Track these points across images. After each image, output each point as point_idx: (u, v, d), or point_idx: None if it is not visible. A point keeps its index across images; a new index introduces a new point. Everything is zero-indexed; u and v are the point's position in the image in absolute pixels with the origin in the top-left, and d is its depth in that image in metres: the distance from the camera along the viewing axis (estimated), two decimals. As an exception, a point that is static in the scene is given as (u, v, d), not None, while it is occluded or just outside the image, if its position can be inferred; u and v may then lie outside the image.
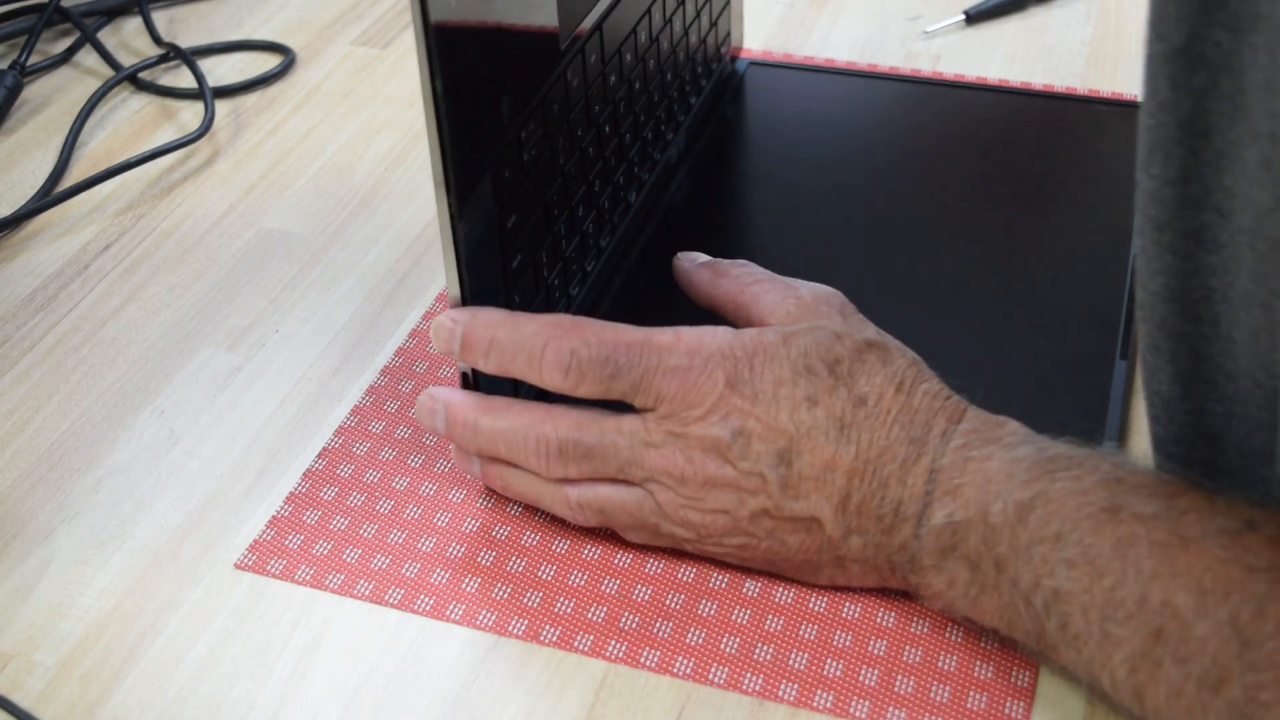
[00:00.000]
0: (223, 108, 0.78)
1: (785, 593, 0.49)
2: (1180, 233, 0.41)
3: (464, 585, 0.50)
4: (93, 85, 0.80)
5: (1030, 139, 0.72)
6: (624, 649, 0.47)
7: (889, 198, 0.68)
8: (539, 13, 0.50)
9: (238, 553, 0.51)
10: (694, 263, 0.55)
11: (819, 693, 0.46)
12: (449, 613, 0.49)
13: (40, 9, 0.83)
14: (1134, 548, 0.40)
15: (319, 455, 0.55)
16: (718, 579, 0.49)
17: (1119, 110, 0.73)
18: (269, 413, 0.58)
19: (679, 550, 0.50)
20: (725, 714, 0.45)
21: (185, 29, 0.85)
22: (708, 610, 0.48)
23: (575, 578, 0.50)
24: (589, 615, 0.48)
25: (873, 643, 0.47)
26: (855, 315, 0.51)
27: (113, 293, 0.64)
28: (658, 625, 0.48)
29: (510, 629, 0.48)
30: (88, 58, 0.83)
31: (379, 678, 0.47)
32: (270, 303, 0.64)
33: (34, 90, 0.80)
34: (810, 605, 0.48)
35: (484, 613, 0.49)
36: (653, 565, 0.50)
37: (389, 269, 0.65)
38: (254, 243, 0.67)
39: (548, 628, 0.48)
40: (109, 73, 0.81)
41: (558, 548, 0.51)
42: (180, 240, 0.68)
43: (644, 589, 0.49)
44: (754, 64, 0.78)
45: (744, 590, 0.49)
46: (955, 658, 0.47)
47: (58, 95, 0.80)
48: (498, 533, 0.52)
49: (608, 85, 0.58)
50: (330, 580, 0.50)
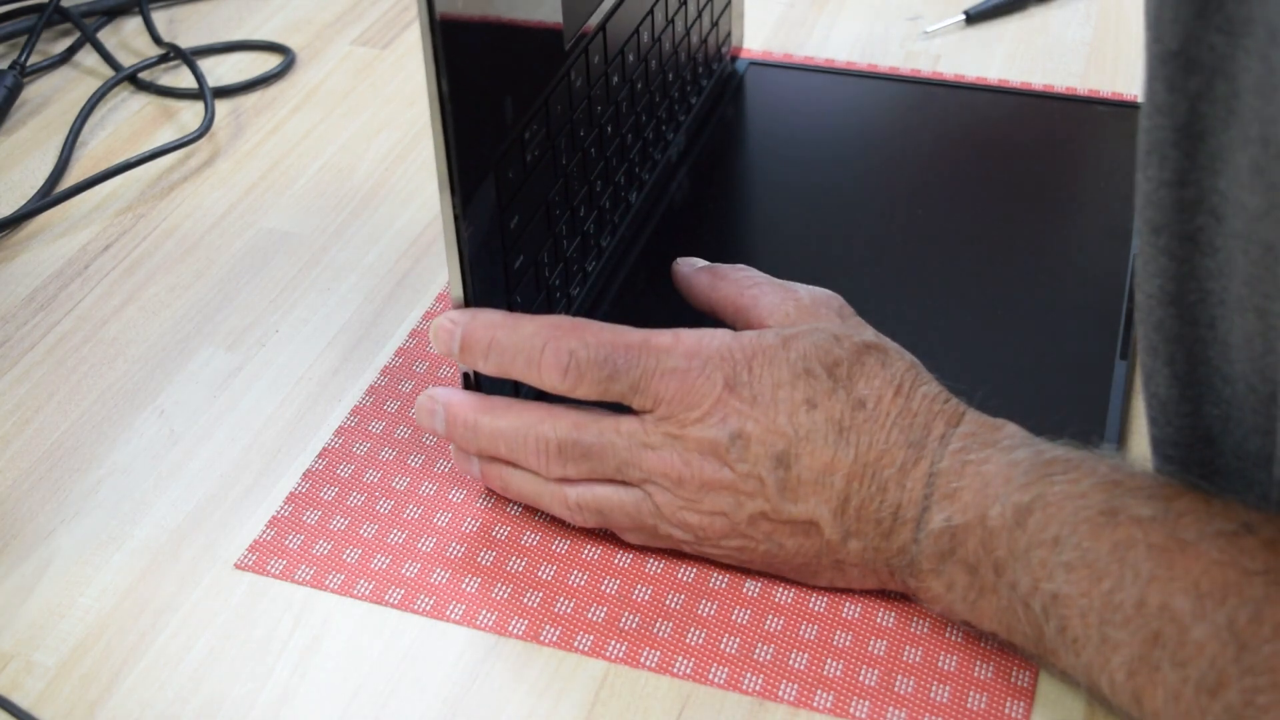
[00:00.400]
0: (223, 108, 0.78)
1: (785, 593, 0.49)
2: (1176, 235, 0.41)
3: (464, 585, 0.50)
4: (93, 85, 0.80)
5: (1030, 139, 0.72)
6: (624, 649, 0.47)
7: (889, 198, 0.68)
8: (544, 12, 0.50)
9: (238, 553, 0.51)
10: (693, 268, 0.55)
11: (819, 693, 0.46)
12: (449, 613, 0.49)
13: (40, 9, 0.83)
14: (1132, 551, 0.40)
15: (319, 455, 0.55)
16: (718, 579, 0.50)
17: (1119, 110, 0.73)
18: (269, 413, 0.58)
19: (678, 551, 0.50)
20: (725, 714, 0.45)
21: (185, 29, 0.85)
22: (708, 610, 0.48)
23: (575, 578, 0.50)
24: (589, 615, 0.49)
25: (873, 643, 0.47)
26: (853, 318, 0.51)
27: (113, 293, 0.64)
28: (658, 625, 0.48)
29: (510, 629, 0.48)
30: (88, 58, 0.83)
31: (379, 678, 0.47)
32: (270, 303, 0.64)
33: (34, 90, 0.80)
34: (810, 605, 0.48)
35: (484, 613, 0.49)
36: (653, 565, 0.50)
37: (389, 269, 0.65)
38: (254, 243, 0.67)
39: (548, 628, 0.48)
40: (109, 73, 0.81)
41: (558, 548, 0.51)
42: (180, 240, 0.68)
43: (644, 589, 0.49)
44: (754, 64, 0.78)
45: (744, 590, 0.49)
46: (955, 658, 0.47)
47: (58, 95, 0.80)
48: (498, 533, 0.52)
49: (610, 85, 0.58)
50: (330, 580, 0.50)
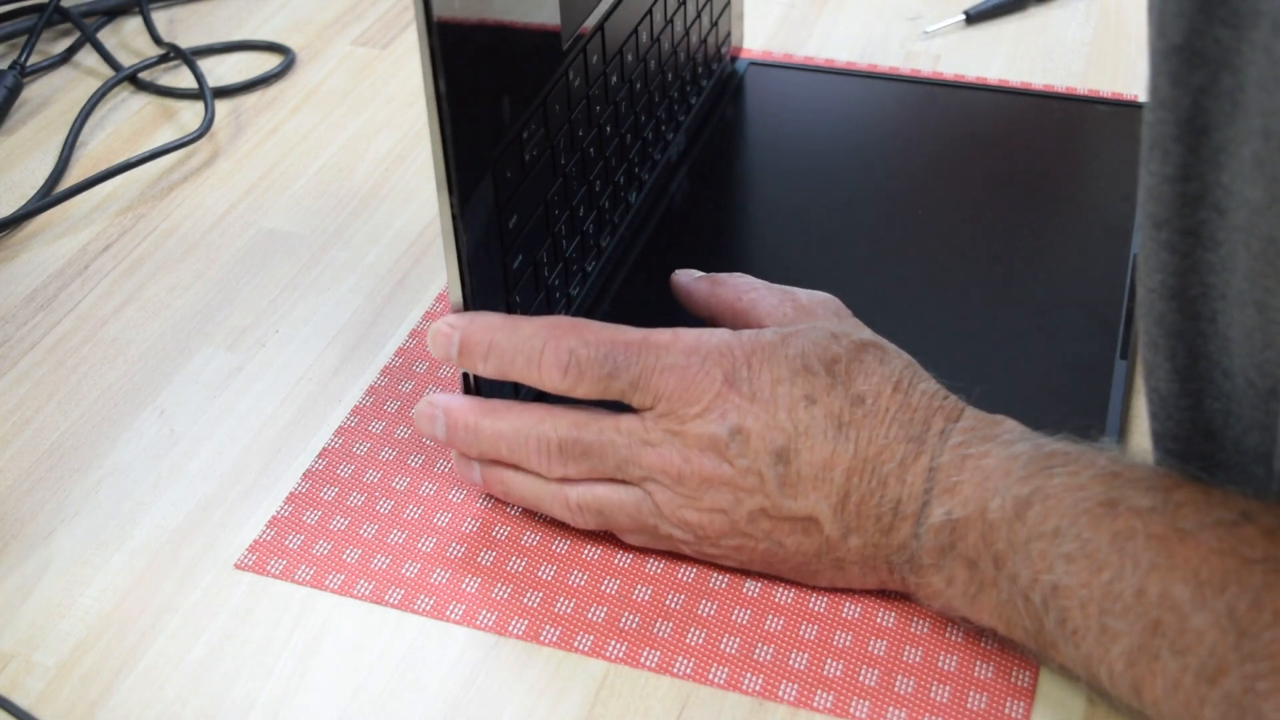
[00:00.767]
0: (223, 108, 0.78)
1: (785, 593, 0.49)
2: (1178, 230, 0.41)
3: (464, 585, 0.50)
4: (93, 85, 0.80)
5: (1030, 139, 0.72)
6: (624, 649, 0.47)
7: (889, 197, 0.67)
8: (542, 12, 0.50)
9: (238, 553, 0.51)
10: (691, 277, 0.56)
11: (819, 693, 0.46)
12: (449, 613, 0.49)
13: (40, 9, 0.83)
14: (1131, 541, 0.40)
15: (319, 455, 0.55)
16: (718, 579, 0.49)
17: (1119, 110, 0.73)
18: (269, 413, 0.58)
19: (679, 552, 0.50)
20: (725, 714, 0.45)
21: (185, 29, 0.85)
22: (708, 610, 0.48)
23: (575, 578, 0.50)
24: (589, 615, 0.48)
25: (873, 643, 0.47)
26: (851, 319, 0.52)
27: (113, 293, 0.64)
28: (658, 625, 0.48)
29: (510, 629, 0.48)
30: (88, 58, 0.83)
31: (379, 678, 0.47)
32: (270, 303, 0.64)
33: (34, 90, 0.80)
34: (810, 605, 0.48)
35: (484, 613, 0.49)
36: (653, 565, 0.50)
37: (389, 269, 0.65)
38: (254, 243, 0.67)
39: (548, 628, 0.48)
40: (109, 73, 0.81)
41: (558, 548, 0.51)
42: (180, 240, 0.68)
43: (644, 589, 0.49)
44: (754, 64, 0.78)
45: (744, 590, 0.49)
46: (955, 658, 0.47)
47: (58, 95, 0.80)
48: (498, 533, 0.52)
49: (609, 85, 0.58)
50: (330, 580, 0.50)
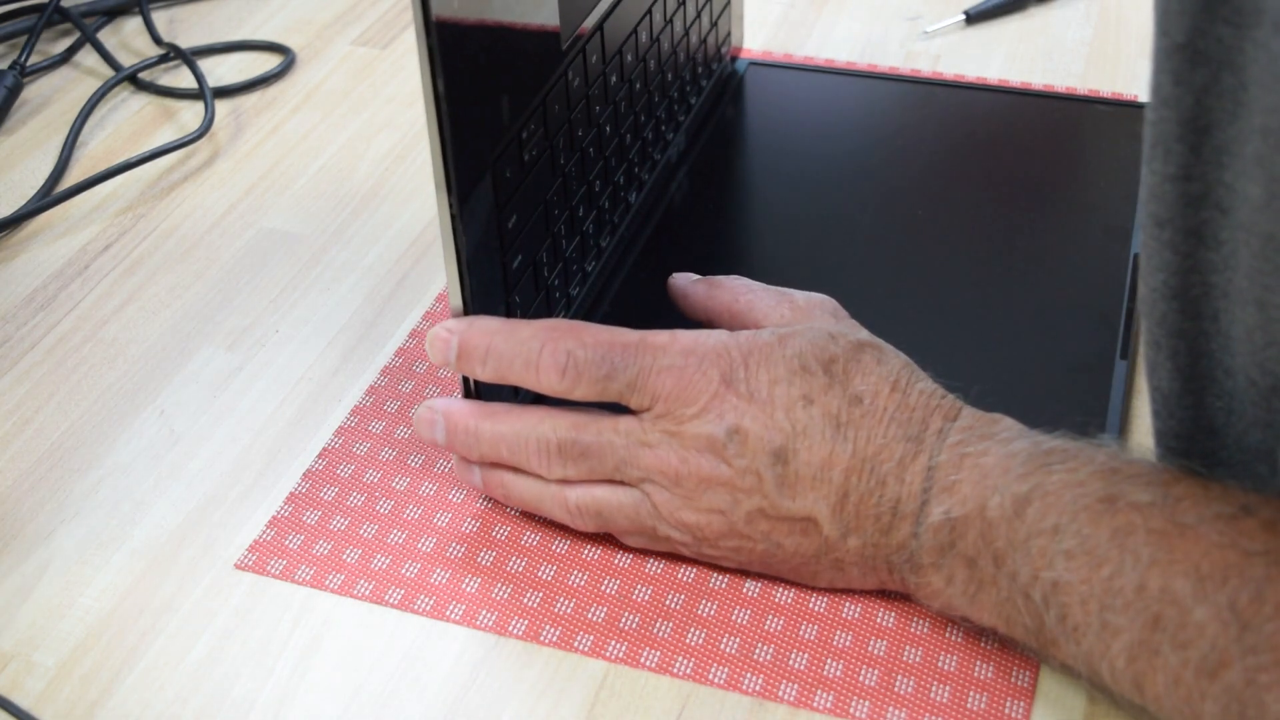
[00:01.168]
0: (223, 108, 0.78)
1: (785, 593, 0.49)
2: (1181, 229, 0.41)
3: (464, 585, 0.50)
4: (93, 85, 0.80)
5: (1030, 139, 0.72)
6: (624, 649, 0.47)
7: (888, 198, 0.67)
8: (541, 12, 0.50)
9: (238, 553, 0.51)
10: (688, 280, 0.56)
11: (819, 693, 0.46)
12: (449, 613, 0.49)
13: (40, 9, 0.83)
14: (1131, 536, 0.40)
15: (319, 455, 0.55)
16: (717, 579, 0.49)
17: (1119, 110, 0.73)
18: (269, 413, 0.58)
19: (679, 554, 0.50)
20: (725, 714, 0.45)
21: (185, 29, 0.85)
22: (708, 610, 0.48)
23: (575, 578, 0.50)
24: (589, 615, 0.48)
25: (873, 643, 0.47)
26: (848, 319, 0.52)
27: (113, 293, 0.64)
28: (658, 625, 0.48)
29: (510, 629, 0.48)
30: (88, 58, 0.83)
31: (379, 678, 0.47)
32: (270, 303, 0.64)
33: (34, 90, 0.80)
34: (810, 605, 0.48)
35: (484, 613, 0.49)
36: (653, 566, 0.50)
37: (389, 269, 0.65)
38: (254, 243, 0.67)
39: (548, 628, 0.48)
40: (109, 73, 0.81)
41: (558, 548, 0.51)
42: (180, 240, 0.68)
43: (644, 589, 0.49)
44: (754, 64, 0.78)
45: (744, 590, 0.49)
46: (955, 658, 0.47)
47: (58, 95, 0.80)
48: (498, 533, 0.52)
49: (608, 85, 0.58)
50: (330, 580, 0.50)
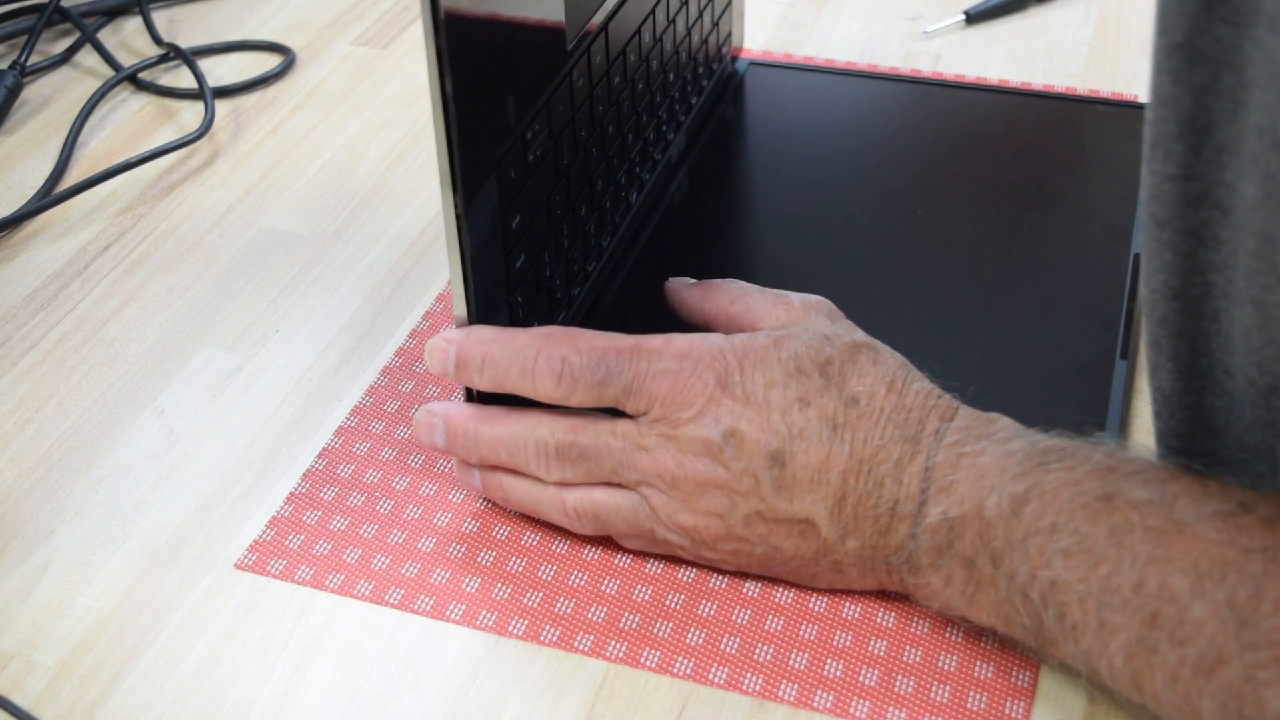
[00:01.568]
0: (223, 108, 0.78)
1: (785, 593, 0.49)
2: (1181, 230, 0.41)
3: (464, 585, 0.50)
4: (93, 85, 0.80)
5: (1030, 139, 0.72)
6: (624, 649, 0.47)
7: (888, 198, 0.67)
8: (546, 11, 0.50)
9: (238, 553, 0.51)
10: (684, 285, 0.56)
11: (819, 693, 0.46)
12: (449, 613, 0.49)
13: (40, 9, 0.83)
14: (1129, 534, 0.40)
15: (319, 455, 0.55)
16: (717, 580, 0.49)
17: (1119, 110, 0.73)
18: (269, 413, 0.58)
19: (678, 557, 0.50)
20: (725, 714, 0.45)
21: (185, 29, 0.85)
22: (708, 610, 0.48)
23: (575, 578, 0.50)
24: (589, 615, 0.48)
25: (873, 643, 0.47)
26: (843, 320, 0.52)
27: (113, 293, 0.64)
28: (658, 625, 0.48)
29: (510, 629, 0.48)
30: (88, 58, 0.83)
31: (379, 678, 0.47)
32: (270, 303, 0.64)
33: (34, 90, 0.80)
34: (810, 606, 0.48)
35: (484, 613, 0.49)
36: (653, 566, 0.50)
37: (389, 269, 0.65)
38: (254, 243, 0.67)
39: (548, 628, 0.48)
40: (109, 73, 0.81)
41: (558, 548, 0.51)
42: (180, 240, 0.68)
43: (644, 589, 0.49)
44: (754, 64, 0.78)
45: (744, 590, 0.49)
46: (955, 658, 0.47)
47: (58, 95, 0.80)
48: (498, 533, 0.52)
49: (611, 85, 0.58)
50: (330, 580, 0.50)
